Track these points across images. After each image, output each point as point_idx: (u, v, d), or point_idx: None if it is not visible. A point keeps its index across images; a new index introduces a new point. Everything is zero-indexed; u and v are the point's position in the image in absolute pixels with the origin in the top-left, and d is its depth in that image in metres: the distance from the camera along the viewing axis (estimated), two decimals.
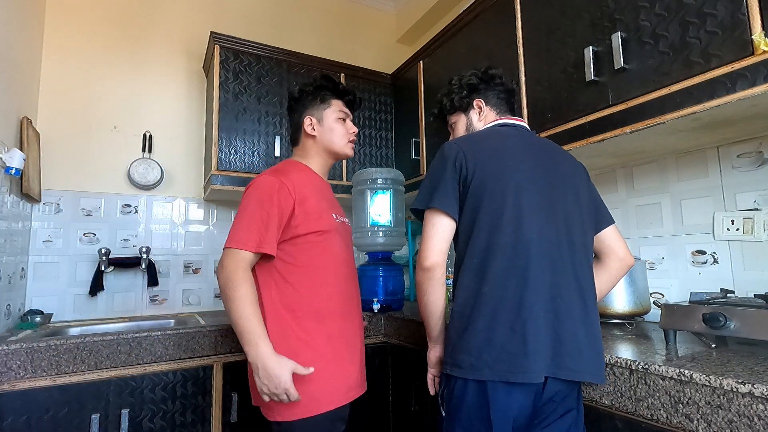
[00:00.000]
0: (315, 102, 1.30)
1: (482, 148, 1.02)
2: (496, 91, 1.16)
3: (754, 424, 0.74)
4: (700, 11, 1.05)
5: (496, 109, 1.15)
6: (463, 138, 1.09)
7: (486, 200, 0.95)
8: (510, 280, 0.91)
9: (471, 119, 1.17)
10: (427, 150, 2.11)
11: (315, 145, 1.30)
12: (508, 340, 0.88)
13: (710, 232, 1.37)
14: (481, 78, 1.16)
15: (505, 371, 0.87)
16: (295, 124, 1.33)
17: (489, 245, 0.93)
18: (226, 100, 2.04)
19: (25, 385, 1.33)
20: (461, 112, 1.19)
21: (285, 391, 1.03)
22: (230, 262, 1.09)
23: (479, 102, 1.15)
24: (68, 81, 2.05)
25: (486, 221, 0.94)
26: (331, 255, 1.21)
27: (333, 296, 1.19)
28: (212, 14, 2.44)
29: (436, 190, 1.00)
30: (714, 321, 0.99)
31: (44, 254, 1.94)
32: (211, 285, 2.28)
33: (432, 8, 2.63)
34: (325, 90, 1.31)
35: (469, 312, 0.93)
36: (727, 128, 1.21)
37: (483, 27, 1.77)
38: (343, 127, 1.31)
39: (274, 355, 1.05)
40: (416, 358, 1.61)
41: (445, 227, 1.00)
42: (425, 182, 1.05)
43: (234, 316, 1.06)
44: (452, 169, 0.99)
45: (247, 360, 1.08)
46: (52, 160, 1.97)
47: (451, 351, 0.95)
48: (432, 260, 0.99)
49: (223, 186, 1.99)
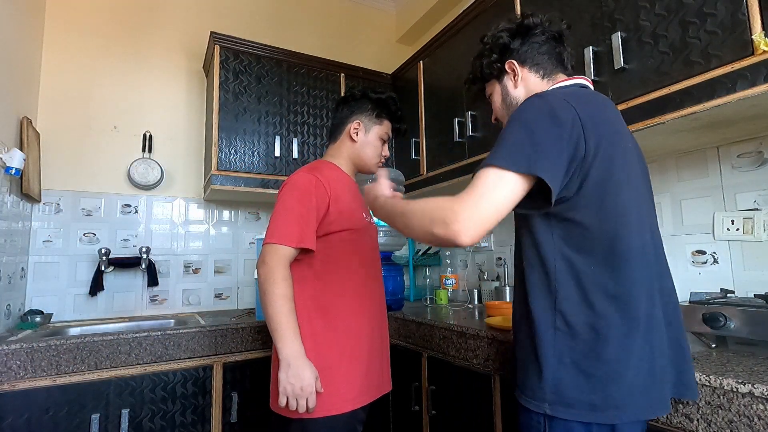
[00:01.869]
0: (372, 112, 1.31)
1: (601, 119, 0.77)
2: (536, 44, 0.91)
3: (754, 424, 0.74)
4: (700, 11, 1.05)
5: (537, 69, 0.91)
6: (575, 96, 0.79)
7: (610, 194, 0.75)
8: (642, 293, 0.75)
9: (506, 87, 0.95)
10: (427, 150, 2.11)
11: (350, 150, 1.31)
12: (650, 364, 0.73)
13: (710, 232, 1.37)
14: (515, 32, 0.92)
15: (644, 407, 0.72)
16: (341, 122, 1.32)
17: (617, 250, 0.74)
18: (226, 100, 2.04)
19: (25, 385, 1.33)
20: (495, 79, 0.97)
21: (309, 394, 1.03)
22: (272, 258, 1.09)
23: (512, 64, 0.92)
24: (68, 81, 2.05)
25: (612, 221, 0.75)
26: (361, 253, 1.22)
27: (362, 294, 1.20)
28: (212, 14, 2.44)
29: (540, 154, 0.70)
30: (714, 321, 0.99)
31: (44, 254, 1.94)
32: (210, 285, 2.28)
33: (432, 8, 2.63)
34: (384, 107, 1.32)
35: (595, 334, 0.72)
36: (727, 128, 1.21)
37: (483, 27, 1.77)
38: (380, 148, 1.32)
39: (305, 356, 1.06)
40: (416, 359, 1.61)
41: (516, 195, 0.72)
42: (517, 137, 0.74)
43: (270, 311, 1.07)
44: (568, 139, 0.72)
45: (247, 360, 1.08)
46: (52, 160, 1.97)
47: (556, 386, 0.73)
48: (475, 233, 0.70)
49: (223, 186, 1.99)
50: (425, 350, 1.58)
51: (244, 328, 1.69)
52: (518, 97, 0.93)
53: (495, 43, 0.94)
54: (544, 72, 0.92)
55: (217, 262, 2.31)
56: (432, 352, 1.55)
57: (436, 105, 2.09)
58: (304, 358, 1.05)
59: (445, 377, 1.48)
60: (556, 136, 0.72)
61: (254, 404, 1.67)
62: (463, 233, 0.69)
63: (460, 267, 2.38)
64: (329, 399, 1.09)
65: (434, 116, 2.09)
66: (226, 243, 2.35)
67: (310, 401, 1.04)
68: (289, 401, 1.04)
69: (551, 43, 0.92)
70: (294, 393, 1.03)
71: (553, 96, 0.78)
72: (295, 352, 1.04)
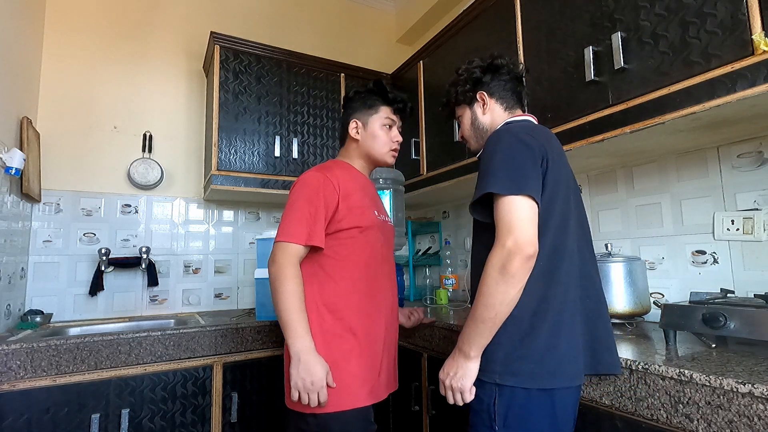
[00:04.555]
0: (364, 106, 1.31)
1: (551, 144, 0.98)
2: (502, 82, 1.10)
3: (754, 424, 0.74)
4: (700, 11, 1.05)
5: (502, 102, 1.10)
6: (529, 128, 1.00)
7: (557, 201, 0.93)
8: (571, 285, 0.91)
9: (475, 113, 1.12)
10: (427, 150, 2.11)
11: (357, 149, 1.32)
12: (570, 345, 0.89)
13: (710, 232, 1.37)
14: (486, 69, 1.11)
15: (570, 375, 0.88)
16: (343, 125, 1.35)
17: (557, 248, 0.91)
18: (226, 100, 2.04)
19: (25, 385, 1.33)
20: (466, 105, 1.14)
21: (320, 388, 1.05)
22: (281, 256, 1.12)
23: (482, 95, 1.10)
24: (68, 81, 2.06)
25: (555, 223, 0.92)
26: (371, 251, 1.22)
27: (373, 292, 1.21)
28: (212, 14, 2.44)
29: (524, 177, 0.89)
30: (714, 321, 0.99)
31: (44, 254, 1.94)
32: (210, 285, 2.28)
33: (432, 8, 2.63)
34: (374, 95, 1.31)
35: (529, 317, 0.89)
36: (727, 128, 1.21)
37: (483, 27, 1.77)
38: (386, 135, 1.30)
39: (315, 351, 1.08)
40: (416, 359, 1.61)
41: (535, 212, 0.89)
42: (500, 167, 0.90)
43: (281, 308, 1.09)
44: (536, 160, 0.91)
45: (247, 360, 1.09)
46: (52, 160, 1.98)
47: (504, 359, 0.89)
48: (536, 246, 0.86)
49: (223, 186, 1.99)
50: (425, 350, 1.58)
51: (244, 328, 1.69)
52: (486, 123, 1.10)
53: (469, 76, 1.11)
54: (506, 105, 1.10)
55: (217, 262, 2.31)
56: (432, 352, 1.55)
57: (436, 105, 2.09)
58: (314, 353, 1.07)
59: None
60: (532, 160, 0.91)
61: (254, 404, 1.67)
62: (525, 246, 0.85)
63: (460, 267, 2.38)
64: (341, 394, 1.10)
65: (434, 116, 2.09)
66: (226, 243, 2.35)
67: (321, 395, 1.05)
68: (301, 395, 1.06)
69: (514, 83, 1.11)
70: (305, 387, 1.05)
71: (521, 130, 0.97)
72: (305, 347, 1.07)
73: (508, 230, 0.85)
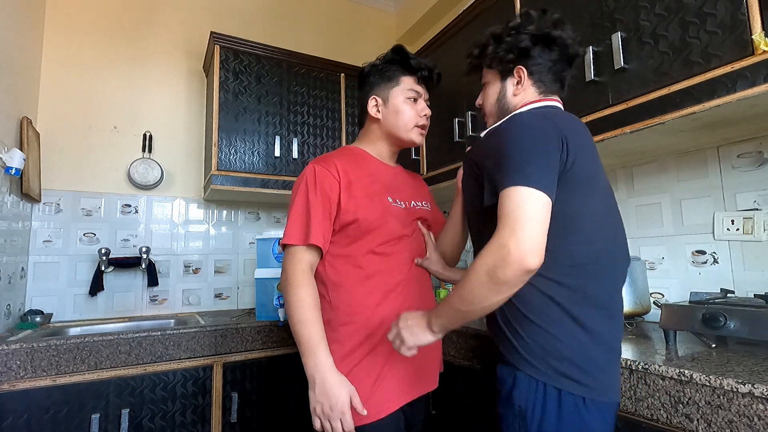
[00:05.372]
0: (383, 80, 1.13)
1: (576, 132, 0.83)
2: (549, 62, 0.91)
3: (754, 424, 0.74)
4: (700, 11, 1.05)
5: (540, 86, 0.92)
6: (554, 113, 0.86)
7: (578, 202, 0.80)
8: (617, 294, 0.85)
9: (506, 89, 0.95)
10: (427, 150, 2.11)
11: (379, 129, 1.15)
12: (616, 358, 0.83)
13: (710, 232, 1.36)
14: (539, 40, 0.90)
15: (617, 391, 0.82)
16: (360, 105, 1.18)
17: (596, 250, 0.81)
18: (226, 100, 2.04)
19: (25, 385, 1.33)
20: (498, 74, 0.96)
21: (341, 414, 0.90)
22: (289, 263, 1.01)
23: (521, 71, 0.92)
24: (68, 81, 2.05)
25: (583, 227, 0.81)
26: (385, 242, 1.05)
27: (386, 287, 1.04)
28: (212, 14, 2.44)
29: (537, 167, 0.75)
30: (714, 321, 0.99)
31: (44, 254, 1.94)
32: (210, 285, 2.28)
33: (432, 8, 2.63)
34: (395, 64, 1.13)
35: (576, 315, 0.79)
36: (727, 128, 1.21)
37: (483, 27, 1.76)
38: (412, 109, 1.12)
39: (335, 369, 0.94)
40: None
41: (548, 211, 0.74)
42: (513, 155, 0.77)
43: (292, 321, 0.97)
44: (556, 149, 0.77)
45: (247, 360, 1.05)
46: (52, 160, 1.97)
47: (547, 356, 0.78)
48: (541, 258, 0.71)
49: (223, 186, 1.99)
50: None
51: (244, 328, 1.69)
52: (512, 105, 0.94)
53: (516, 42, 0.91)
54: (543, 90, 0.93)
55: (217, 262, 2.31)
56: None
57: (436, 105, 2.06)
58: (331, 372, 0.92)
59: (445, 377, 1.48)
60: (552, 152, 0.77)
61: (254, 404, 1.67)
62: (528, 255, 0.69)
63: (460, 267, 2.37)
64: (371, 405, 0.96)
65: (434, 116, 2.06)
66: (226, 243, 2.35)
67: (346, 423, 0.90)
68: (323, 423, 0.92)
69: (562, 64, 0.93)
70: (324, 413, 0.91)
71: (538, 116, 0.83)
72: (320, 366, 0.93)
73: (512, 229, 0.70)
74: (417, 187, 1.24)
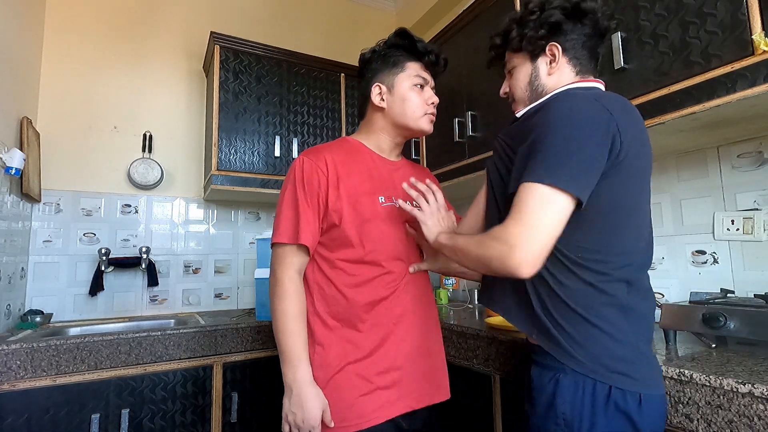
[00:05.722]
0: (386, 66, 1.06)
1: (630, 119, 0.76)
2: (584, 37, 0.84)
3: (754, 424, 0.74)
4: (700, 11, 1.05)
5: (576, 63, 0.85)
6: (605, 97, 0.77)
7: (633, 195, 0.76)
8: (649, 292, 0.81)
9: (538, 70, 0.87)
10: (427, 150, 2.11)
11: (383, 119, 1.08)
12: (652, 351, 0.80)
13: (710, 232, 1.36)
14: (570, 14, 0.83)
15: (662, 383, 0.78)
16: (362, 95, 1.10)
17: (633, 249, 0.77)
18: (226, 100, 2.04)
19: (25, 385, 1.33)
20: (528, 54, 0.88)
21: (311, 427, 0.91)
22: (277, 265, 0.98)
23: (554, 48, 0.85)
24: (68, 81, 2.05)
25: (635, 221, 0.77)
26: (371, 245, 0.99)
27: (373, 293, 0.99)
28: (212, 14, 2.44)
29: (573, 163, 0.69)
30: (714, 321, 0.99)
31: (44, 254, 1.94)
32: (210, 285, 2.28)
33: (432, 8, 2.63)
34: (399, 49, 1.06)
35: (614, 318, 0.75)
36: (727, 128, 1.20)
37: (483, 27, 1.77)
38: (419, 96, 1.05)
39: (313, 384, 0.93)
40: None
41: (566, 216, 0.70)
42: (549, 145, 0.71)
43: (275, 329, 0.95)
44: (602, 142, 0.70)
45: (247, 360, 1.04)
46: (52, 160, 1.97)
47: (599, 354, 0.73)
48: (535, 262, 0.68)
49: (223, 186, 1.99)
50: None
51: (244, 328, 1.69)
52: (548, 86, 0.86)
53: (546, 18, 0.83)
54: (579, 68, 0.86)
55: (217, 262, 2.31)
56: None
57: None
58: (308, 386, 0.92)
59: None
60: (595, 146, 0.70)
61: (254, 404, 1.67)
62: (523, 267, 0.68)
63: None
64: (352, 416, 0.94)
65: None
66: (226, 243, 2.35)
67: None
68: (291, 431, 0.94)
69: (596, 39, 0.86)
70: (295, 423, 0.92)
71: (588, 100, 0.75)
72: (298, 378, 0.92)
73: (521, 232, 0.68)
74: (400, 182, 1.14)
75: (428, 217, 0.97)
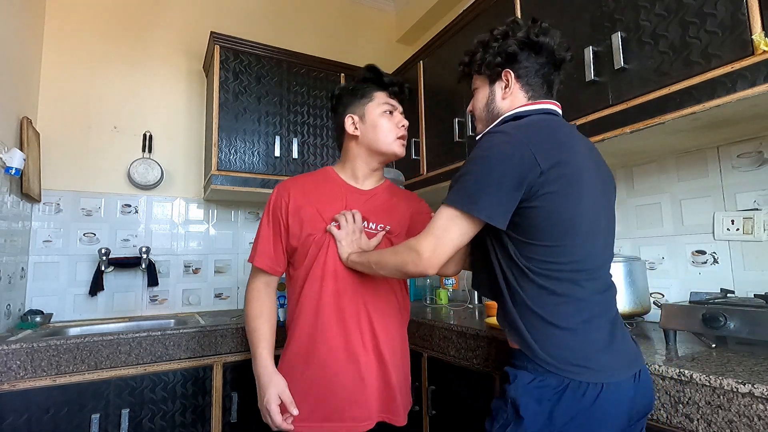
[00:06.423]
0: (356, 98, 1.16)
1: (557, 141, 0.84)
2: (537, 65, 0.93)
3: (754, 424, 0.74)
4: (700, 11, 1.05)
5: (528, 89, 0.93)
6: (534, 126, 0.86)
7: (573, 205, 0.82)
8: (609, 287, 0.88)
9: (494, 93, 0.96)
10: (427, 150, 2.11)
11: (357, 147, 1.17)
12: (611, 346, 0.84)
13: (710, 232, 1.37)
14: (525, 45, 0.92)
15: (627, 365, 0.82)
16: (338, 127, 1.20)
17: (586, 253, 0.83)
18: (226, 100, 2.04)
19: (25, 385, 1.33)
20: (487, 79, 0.98)
21: (267, 412, 1.03)
22: (250, 279, 1.18)
23: (508, 74, 0.94)
24: (68, 81, 2.05)
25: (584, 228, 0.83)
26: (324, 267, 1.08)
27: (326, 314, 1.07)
28: (212, 14, 2.44)
29: (486, 193, 0.80)
30: (714, 321, 0.99)
31: (44, 254, 1.94)
32: (210, 285, 2.28)
33: (432, 8, 2.63)
34: (367, 82, 1.17)
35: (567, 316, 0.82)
36: (727, 128, 1.21)
37: (483, 27, 1.77)
38: (389, 122, 1.15)
39: (268, 370, 1.07)
40: (416, 358, 1.61)
41: (468, 232, 0.84)
42: (466, 174, 0.83)
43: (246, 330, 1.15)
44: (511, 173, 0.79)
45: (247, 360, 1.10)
46: (52, 160, 1.97)
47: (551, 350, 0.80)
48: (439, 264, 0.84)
49: (223, 186, 1.99)
50: (425, 350, 1.58)
51: (244, 328, 1.69)
52: (502, 109, 0.95)
53: (504, 47, 0.93)
54: (532, 94, 0.94)
55: (217, 262, 2.31)
56: (432, 352, 1.55)
57: (436, 105, 2.09)
58: (267, 375, 1.06)
59: (445, 377, 1.48)
60: (501, 173, 0.79)
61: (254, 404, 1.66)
62: (429, 270, 0.86)
63: None
64: None
65: (434, 116, 2.09)
66: (226, 243, 2.35)
67: (274, 419, 1.02)
68: (263, 416, 1.06)
69: (549, 68, 0.94)
70: (261, 407, 1.06)
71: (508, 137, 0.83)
72: (259, 368, 1.07)
73: (430, 243, 0.84)
74: (392, 209, 1.20)
75: (343, 237, 1.09)
